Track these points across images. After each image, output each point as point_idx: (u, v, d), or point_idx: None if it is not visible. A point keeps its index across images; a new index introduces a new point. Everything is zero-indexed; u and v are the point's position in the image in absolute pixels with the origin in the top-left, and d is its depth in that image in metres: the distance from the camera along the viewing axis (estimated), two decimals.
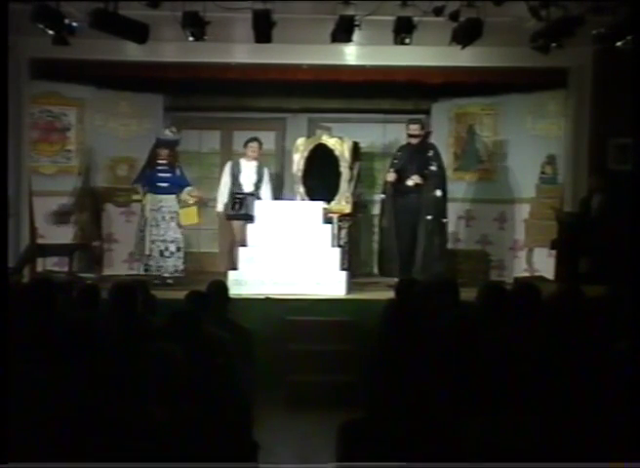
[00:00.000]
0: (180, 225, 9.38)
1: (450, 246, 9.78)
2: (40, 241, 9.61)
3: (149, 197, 9.39)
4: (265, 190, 9.69)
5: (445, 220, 9.31)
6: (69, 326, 3.85)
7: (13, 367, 3.35)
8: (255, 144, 9.66)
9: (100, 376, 3.41)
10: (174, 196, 9.39)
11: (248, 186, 9.61)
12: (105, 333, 3.99)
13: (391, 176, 9.28)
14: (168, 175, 9.41)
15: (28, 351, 3.93)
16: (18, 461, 2.88)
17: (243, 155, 9.76)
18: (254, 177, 9.62)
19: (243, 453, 3.85)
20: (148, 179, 9.40)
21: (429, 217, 9.06)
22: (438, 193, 9.12)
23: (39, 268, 9.48)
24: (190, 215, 9.46)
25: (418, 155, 9.23)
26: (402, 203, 9.23)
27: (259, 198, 9.45)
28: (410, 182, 9.13)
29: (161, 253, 9.29)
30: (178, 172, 9.51)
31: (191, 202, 9.44)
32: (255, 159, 9.67)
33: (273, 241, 8.58)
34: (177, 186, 9.42)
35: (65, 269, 9.41)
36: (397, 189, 9.25)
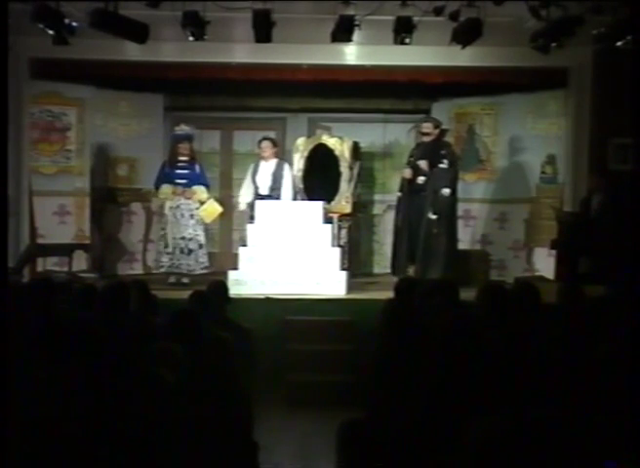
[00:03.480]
0: (200, 222, 9.21)
1: None
2: (40, 241, 9.61)
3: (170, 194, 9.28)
4: (286, 189, 9.46)
5: (454, 220, 9.30)
6: (69, 326, 3.85)
7: (12, 367, 3.35)
8: (266, 143, 9.54)
9: (99, 376, 3.41)
10: None
11: (263, 189, 9.47)
12: (104, 333, 3.99)
13: (407, 173, 9.29)
14: (187, 171, 9.28)
15: (28, 351, 3.93)
16: (17, 461, 2.88)
17: (247, 155, 9.72)
18: (269, 179, 9.46)
19: (243, 453, 3.85)
20: (168, 177, 9.27)
21: (435, 217, 9.03)
22: (446, 192, 9.07)
23: (39, 268, 9.48)
24: (211, 211, 9.26)
25: (430, 153, 9.20)
26: (413, 201, 9.22)
27: (277, 199, 9.32)
28: (419, 180, 9.12)
29: (181, 251, 9.15)
30: (197, 168, 9.38)
31: (203, 198, 9.23)
32: (271, 158, 9.51)
33: (273, 241, 8.57)
34: (195, 183, 9.26)
35: (65, 269, 9.42)
36: (409, 187, 9.24)
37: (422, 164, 9.08)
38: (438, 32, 7.74)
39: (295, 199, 9.56)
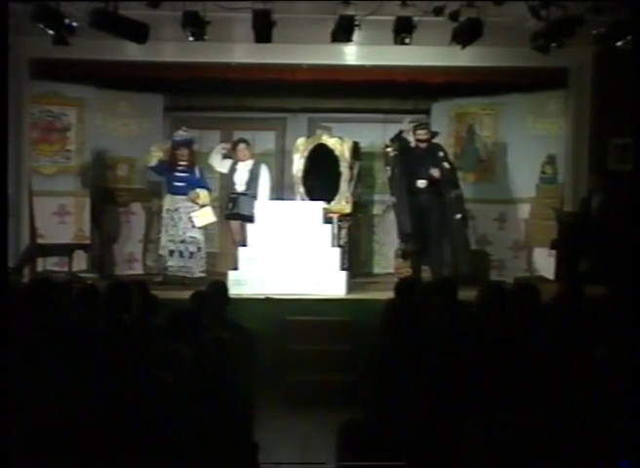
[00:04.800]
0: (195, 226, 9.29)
1: None
2: (40, 241, 9.61)
3: (168, 197, 9.37)
4: (263, 188, 9.62)
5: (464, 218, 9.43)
6: (69, 326, 3.85)
7: (12, 367, 3.35)
8: (242, 146, 9.67)
9: (99, 377, 3.41)
10: None
11: (240, 186, 9.61)
12: (104, 333, 3.99)
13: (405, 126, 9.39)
14: (186, 174, 9.31)
15: (28, 351, 3.93)
16: (17, 462, 2.88)
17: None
18: (246, 177, 9.60)
19: (243, 453, 3.85)
20: (166, 178, 9.39)
21: (459, 216, 9.13)
22: (457, 192, 9.21)
23: (39, 268, 9.48)
24: (205, 216, 9.32)
25: (427, 158, 9.21)
26: (414, 203, 9.22)
27: (254, 197, 9.44)
28: (421, 184, 9.14)
29: (181, 255, 9.21)
30: (197, 172, 9.41)
31: (206, 203, 9.33)
32: (248, 159, 9.66)
33: (273, 241, 8.57)
34: (194, 187, 9.31)
35: (65, 269, 9.42)
36: (409, 191, 9.24)
37: (435, 172, 9.10)
38: (438, 32, 7.74)
39: (273, 198, 9.68)
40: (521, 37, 7.91)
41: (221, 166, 9.78)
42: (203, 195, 9.30)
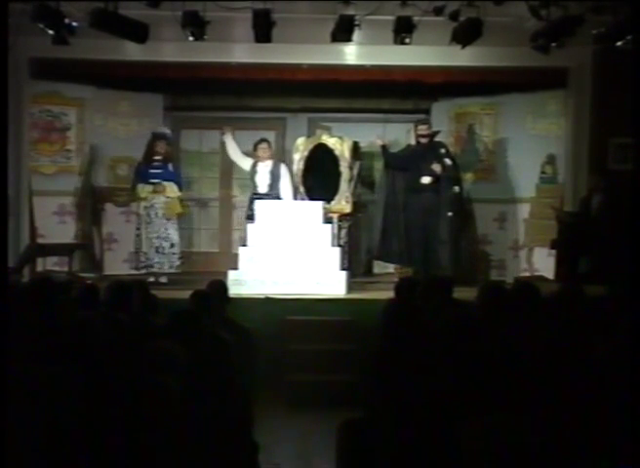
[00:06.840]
0: (168, 219, 9.44)
1: None
2: (40, 241, 9.61)
3: (140, 189, 9.52)
4: (285, 188, 9.64)
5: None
6: (69, 326, 3.85)
7: (12, 366, 3.34)
8: (264, 145, 9.71)
9: (99, 377, 3.41)
10: None
11: (262, 187, 9.64)
12: (105, 333, 3.99)
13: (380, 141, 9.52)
14: (160, 170, 9.50)
15: (28, 351, 3.92)
16: (17, 463, 2.88)
17: (247, 155, 9.80)
18: (267, 178, 9.62)
19: (243, 453, 3.85)
20: (143, 176, 9.52)
21: (450, 214, 9.14)
22: (457, 189, 9.26)
23: (39, 268, 9.49)
24: (172, 207, 9.49)
25: (429, 154, 9.27)
26: (416, 201, 9.25)
27: (277, 198, 9.45)
28: (425, 180, 9.15)
29: (156, 250, 9.37)
30: (170, 167, 9.58)
31: (172, 196, 9.47)
32: (267, 159, 9.68)
33: (273, 241, 8.58)
34: (168, 181, 9.50)
35: (65, 269, 9.42)
36: (410, 188, 9.27)
37: (437, 167, 9.13)
38: (438, 32, 7.75)
39: (295, 198, 9.65)
40: (521, 37, 7.92)
41: (243, 161, 9.82)
42: (169, 189, 9.47)
